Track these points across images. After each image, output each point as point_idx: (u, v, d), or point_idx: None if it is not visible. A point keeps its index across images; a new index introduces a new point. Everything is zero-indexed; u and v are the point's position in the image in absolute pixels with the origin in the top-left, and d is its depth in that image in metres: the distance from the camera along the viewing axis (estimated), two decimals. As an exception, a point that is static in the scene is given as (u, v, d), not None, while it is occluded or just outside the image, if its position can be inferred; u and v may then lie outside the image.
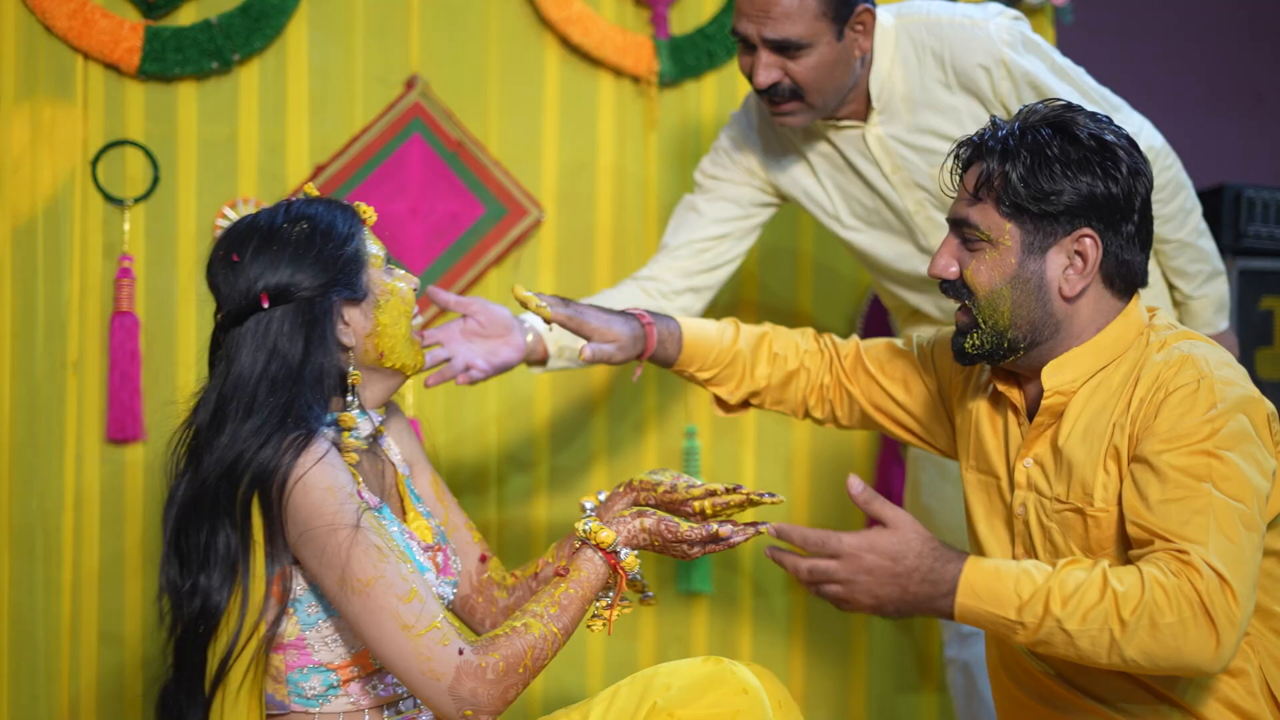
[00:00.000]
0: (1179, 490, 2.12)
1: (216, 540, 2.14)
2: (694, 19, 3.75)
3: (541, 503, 3.64)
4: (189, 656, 2.17)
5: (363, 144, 3.51)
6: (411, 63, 3.55)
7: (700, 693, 2.17)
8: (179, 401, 2.32)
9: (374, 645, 2.10)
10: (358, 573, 2.08)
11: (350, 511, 2.11)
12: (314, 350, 2.20)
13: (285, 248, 2.22)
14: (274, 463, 2.11)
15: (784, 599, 3.82)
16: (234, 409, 2.18)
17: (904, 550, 2.11)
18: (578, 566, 2.22)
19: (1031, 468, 2.33)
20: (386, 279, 2.30)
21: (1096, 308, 2.30)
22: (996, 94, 2.96)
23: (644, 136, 3.73)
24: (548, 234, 3.65)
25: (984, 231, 2.28)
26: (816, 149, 3.12)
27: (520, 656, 2.10)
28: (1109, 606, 2.06)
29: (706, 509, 2.39)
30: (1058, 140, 2.25)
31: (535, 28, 3.65)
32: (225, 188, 3.43)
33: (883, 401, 2.65)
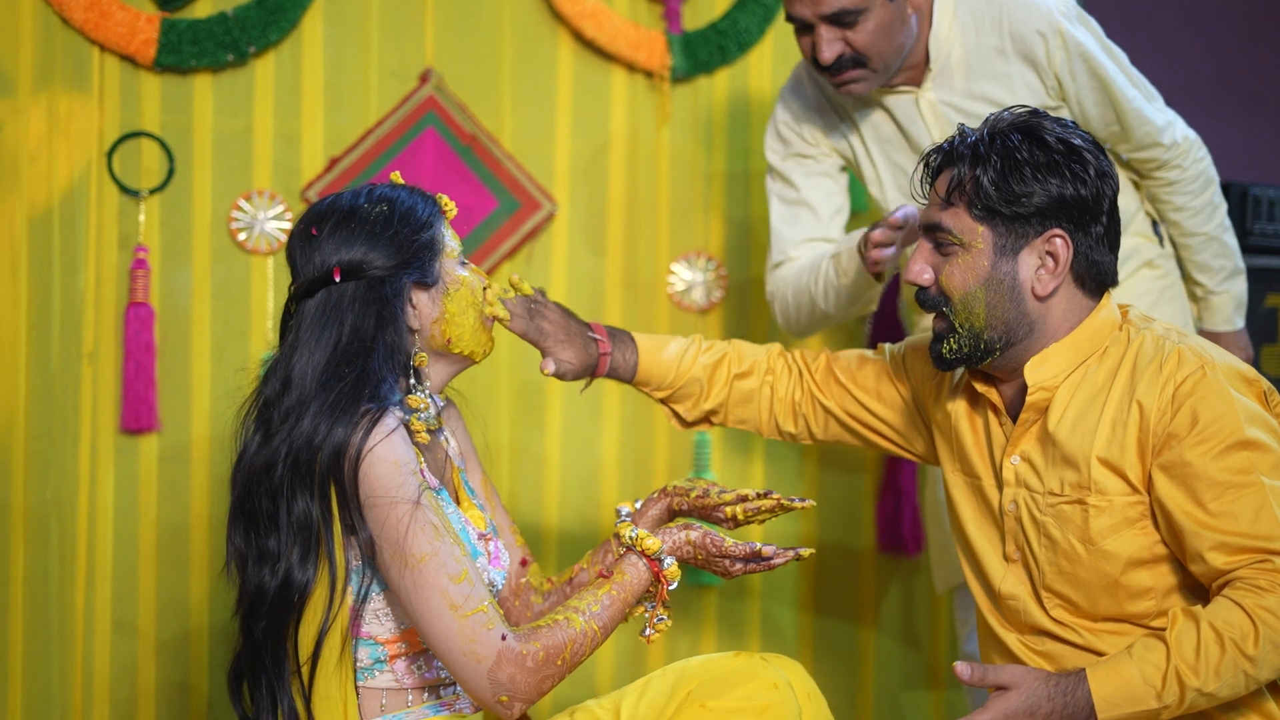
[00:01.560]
0: (1232, 490, 2.18)
1: (293, 508, 2.17)
2: (706, 14, 3.76)
3: (553, 501, 3.65)
4: (271, 633, 2.19)
5: (377, 137, 3.52)
6: (426, 56, 3.57)
7: (731, 686, 2.19)
8: (249, 370, 2.36)
9: (420, 621, 2.13)
10: (413, 548, 2.12)
11: (412, 487, 2.14)
12: (385, 327, 2.24)
13: (363, 226, 2.26)
14: (348, 437, 2.14)
15: (793, 593, 3.84)
16: (306, 380, 2.20)
17: (1035, 703, 2.17)
18: (622, 570, 2.26)
19: (1019, 465, 2.36)
20: (459, 270, 2.34)
21: (1069, 307, 2.33)
22: (1050, 63, 3.01)
23: (656, 131, 3.74)
24: (560, 227, 3.67)
25: (956, 235, 2.32)
26: (869, 119, 3.16)
27: (560, 648, 2.14)
28: (1233, 654, 2.13)
29: (739, 514, 2.43)
30: (1027, 144, 2.30)
31: (549, 22, 3.66)
32: (240, 180, 3.44)
33: (857, 411, 2.66)
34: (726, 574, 2.32)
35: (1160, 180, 3.16)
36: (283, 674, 2.20)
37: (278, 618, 2.19)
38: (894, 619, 3.92)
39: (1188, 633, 2.14)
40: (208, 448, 3.40)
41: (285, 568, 2.18)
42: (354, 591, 2.21)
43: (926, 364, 2.59)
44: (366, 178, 3.49)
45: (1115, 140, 3.13)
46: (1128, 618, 2.29)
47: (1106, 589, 2.28)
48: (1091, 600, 2.30)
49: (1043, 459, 2.33)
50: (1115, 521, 2.26)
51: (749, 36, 3.76)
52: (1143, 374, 2.27)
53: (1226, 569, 2.18)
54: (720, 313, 3.78)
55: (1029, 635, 2.38)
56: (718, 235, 3.79)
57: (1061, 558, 2.30)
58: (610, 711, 2.23)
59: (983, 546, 2.43)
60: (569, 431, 3.67)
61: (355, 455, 2.14)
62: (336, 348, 2.22)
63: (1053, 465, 2.32)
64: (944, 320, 2.36)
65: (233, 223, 3.42)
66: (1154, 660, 2.15)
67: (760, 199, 3.80)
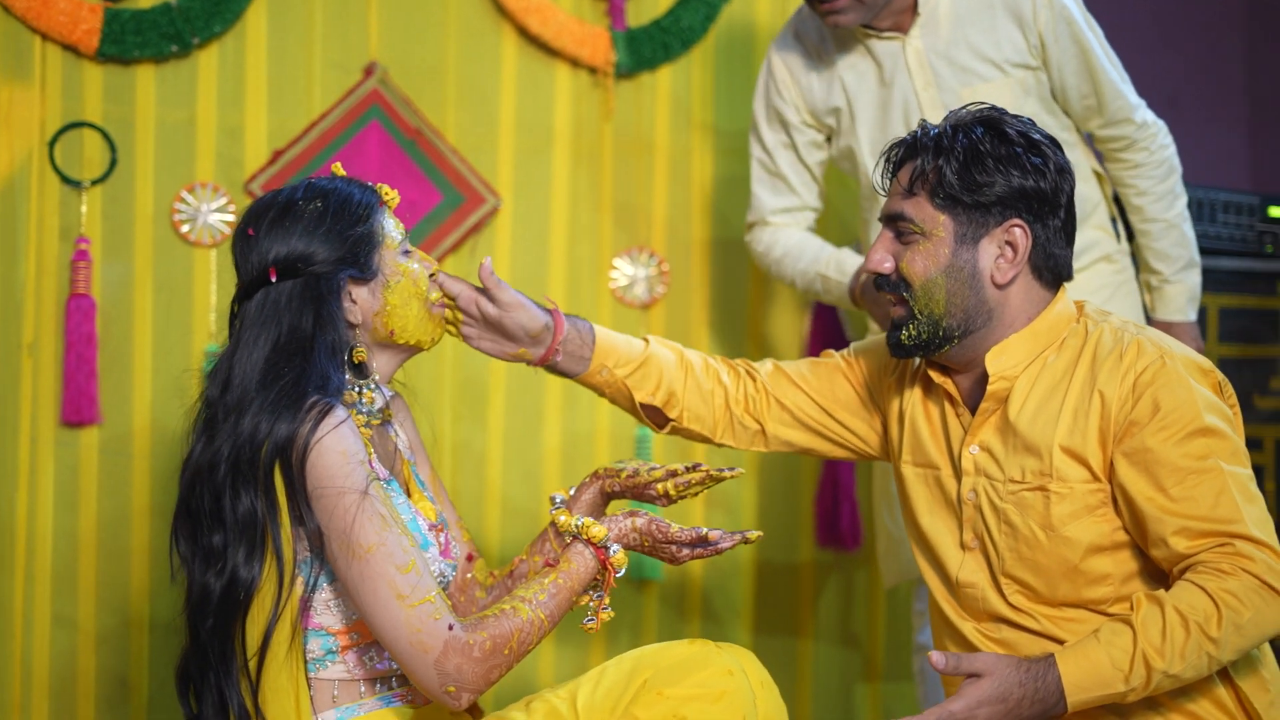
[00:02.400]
0: (1193, 475, 2.24)
1: (237, 506, 2.17)
2: (650, 11, 3.78)
3: (495, 496, 3.66)
4: (218, 632, 2.18)
5: (321, 130, 3.51)
6: (370, 49, 3.56)
7: (687, 673, 2.20)
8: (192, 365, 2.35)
9: (367, 612, 2.13)
10: (360, 538, 2.12)
11: (360, 477, 2.14)
12: (323, 325, 2.24)
13: (297, 223, 2.26)
14: (294, 430, 2.14)
15: (733, 585, 3.86)
16: (248, 380, 2.21)
17: (1007, 689, 2.19)
18: (568, 559, 2.25)
19: (978, 454, 2.40)
20: (401, 260, 2.33)
21: (1026, 297, 2.38)
22: (1036, 21, 3.12)
23: (600, 127, 3.75)
24: (503, 222, 3.67)
25: (918, 224, 2.36)
26: (855, 68, 3.23)
27: (507, 638, 2.14)
28: (1198, 636, 2.17)
29: (670, 490, 2.43)
30: (989, 137, 2.35)
31: (493, 17, 3.67)
32: (183, 171, 3.43)
33: (813, 411, 2.66)
34: (673, 560, 2.33)
35: (1127, 162, 3.24)
36: (230, 671, 2.19)
37: (224, 616, 2.19)
38: (832, 613, 3.95)
39: (1153, 616, 2.19)
40: (149, 440, 3.38)
41: (231, 567, 2.17)
42: (304, 582, 2.20)
43: (877, 361, 2.63)
44: (310, 171, 3.48)
45: (1089, 115, 3.21)
46: (1085, 604, 2.33)
47: (1066, 574, 2.32)
48: (1051, 586, 2.33)
49: (1003, 448, 2.37)
50: (1076, 508, 2.31)
51: (692, 34, 3.78)
52: (1103, 364, 2.32)
53: (1189, 553, 2.23)
54: (662, 308, 3.80)
55: (986, 623, 2.41)
56: (660, 231, 3.81)
57: (1022, 544, 2.34)
58: (566, 701, 2.23)
59: (939, 535, 2.46)
60: (510, 427, 3.68)
61: (303, 446, 2.14)
62: (275, 347, 2.22)
63: (1013, 453, 2.36)
64: (904, 307, 2.39)
65: (175, 215, 3.40)
66: (1121, 644, 2.18)
67: (703, 195, 3.83)
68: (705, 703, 2.18)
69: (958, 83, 3.16)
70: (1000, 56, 3.16)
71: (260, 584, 2.17)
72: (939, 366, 2.47)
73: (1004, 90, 3.16)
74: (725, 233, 3.85)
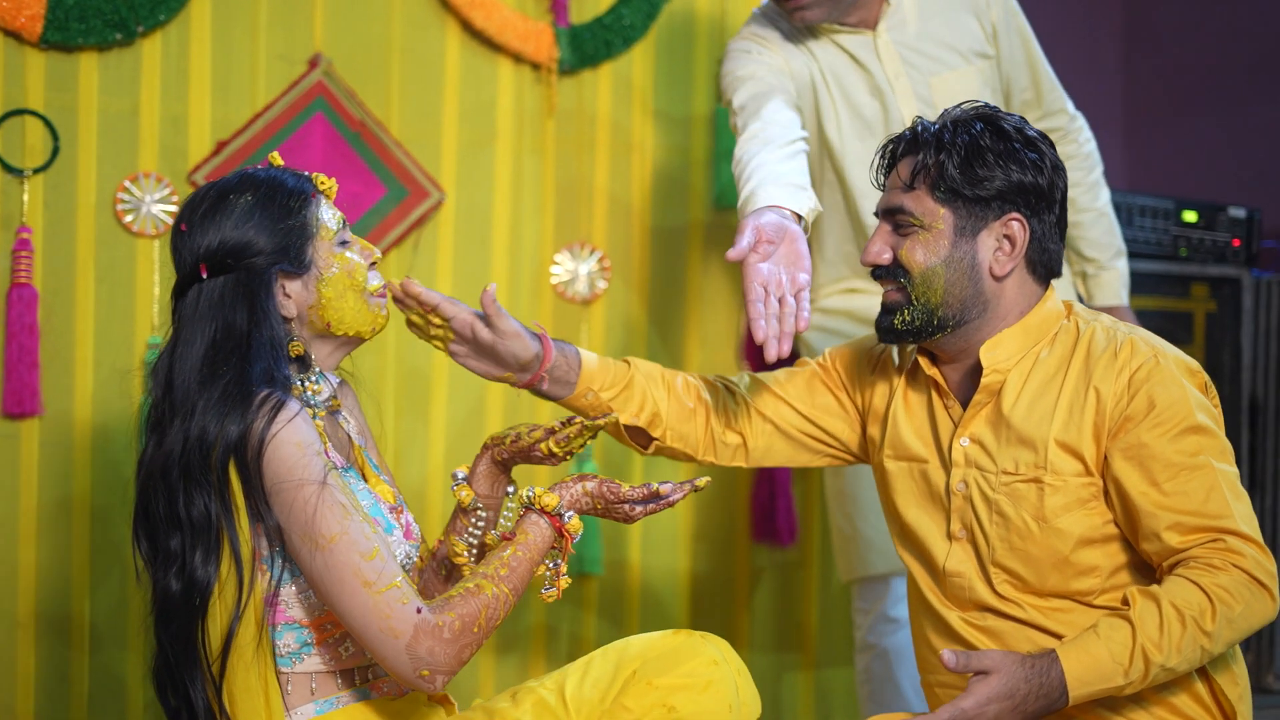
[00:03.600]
0: (1185, 471, 2.31)
1: (191, 509, 2.14)
2: (592, 9, 3.81)
3: (437, 489, 3.65)
4: (181, 635, 2.17)
5: (265, 121, 3.49)
6: (315, 41, 3.55)
7: (674, 663, 2.23)
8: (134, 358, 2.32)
9: (334, 602, 2.12)
10: (322, 528, 2.11)
11: (318, 468, 2.13)
12: (258, 321, 2.21)
13: (228, 217, 2.23)
14: (247, 427, 2.12)
15: (670, 581, 3.90)
16: (189, 379, 2.18)
17: (1014, 685, 2.23)
18: (524, 530, 2.25)
19: (969, 446, 2.45)
20: (336, 251, 2.30)
21: (1020, 291, 2.44)
22: (989, 11, 3.28)
23: (542, 123, 3.77)
24: (446, 216, 3.67)
25: (918, 217, 2.41)
26: (828, 57, 3.28)
27: (475, 616, 2.13)
28: (1193, 630, 2.24)
29: (553, 448, 2.38)
30: (989, 132, 2.41)
31: (437, 10, 3.67)
32: (126, 161, 3.38)
33: (794, 420, 2.68)
34: (627, 519, 2.33)
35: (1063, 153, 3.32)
36: (195, 673, 2.18)
37: (185, 618, 2.17)
38: (768, 606, 4.00)
39: (1150, 611, 2.25)
40: (90, 432, 3.33)
41: (189, 569, 2.16)
42: (269, 580, 2.19)
43: (853, 360, 2.67)
44: (254, 162, 3.45)
45: (1026, 109, 3.35)
46: (1072, 595, 2.39)
47: (1056, 565, 2.38)
48: (1040, 576, 2.39)
49: (995, 440, 2.42)
50: (1068, 501, 2.37)
51: (633, 32, 3.81)
52: (1098, 362, 2.38)
53: (1181, 548, 2.30)
54: (603, 304, 3.82)
55: (971, 612, 2.46)
56: (601, 226, 3.83)
57: (1014, 534, 2.39)
58: (554, 692, 2.24)
59: (924, 526, 2.50)
60: (453, 419, 3.68)
61: (258, 442, 2.12)
62: (213, 344, 2.19)
63: (1006, 445, 2.41)
64: (901, 293, 2.43)
65: (119, 204, 3.36)
66: (1120, 639, 2.24)
67: (644, 191, 3.86)
68: (693, 692, 2.22)
69: (928, 71, 3.26)
70: (964, 46, 3.28)
71: (219, 585, 2.15)
72: (929, 355, 2.51)
73: (969, 79, 3.27)
74: (666, 229, 3.88)
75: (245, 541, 2.15)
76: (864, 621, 3.43)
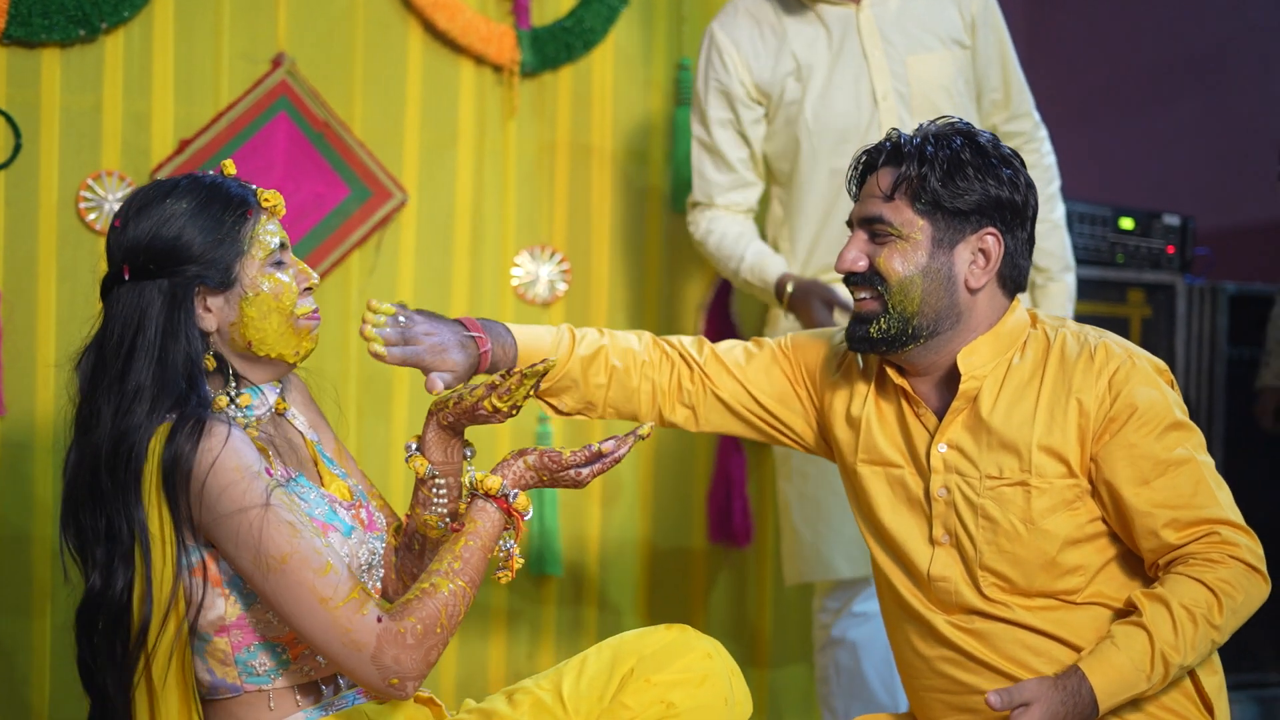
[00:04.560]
0: (1173, 467, 2.39)
1: (115, 525, 2.11)
2: (553, 11, 3.82)
3: (399, 487, 3.66)
4: (103, 641, 2.14)
5: (229, 120, 3.47)
6: (278, 40, 3.54)
7: (670, 659, 2.25)
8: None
9: (294, 621, 2.09)
10: (271, 550, 2.07)
11: (259, 490, 2.09)
12: (173, 330, 2.16)
13: (161, 221, 2.18)
14: (173, 452, 2.08)
15: (629, 580, 3.92)
16: (106, 380, 2.15)
17: (1054, 710, 2.31)
18: (472, 518, 2.22)
19: (947, 452, 2.48)
20: (268, 270, 2.23)
21: (991, 304, 2.48)
22: (970, 6, 3.41)
23: (503, 125, 3.78)
24: (408, 218, 3.67)
25: (897, 228, 2.44)
26: (804, 34, 3.41)
27: (435, 616, 2.11)
28: (1205, 627, 2.32)
29: (497, 403, 2.33)
30: (968, 147, 2.45)
31: (400, 11, 3.67)
32: (88, 159, 3.36)
33: (748, 402, 2.69)
34: (576, 483, 2.30)
35: None
36: (119, 681, 2.14)
37: (109, 625, 2.14)
38: (723, 605, 4.04)
39: (1162, 615, 2.32)
40: (51, 432, 3.30)
41: (111, 575, 2.12)
42: (238, 601, 2.16)
43: (816, 356, 2.68)
44: (218, 161, 3.36)
45: (995, 110, 3.45)
46: (1057, 594, 2.43)
47: (1043, 566, 2.42)
48: (1028, 577, 2.43)
49: (975, 445, 2.46)
50: (1054, 502, 2.42)
51: (593, 35, 3.83)
52: (1074, 366, 2.43)
53: (1179, 544, 2.37)
54: (563, 306, 3.84)
55: (957, 615, 2.49)
56: (561, 229, 3.85)
57: (1002, 537, 2.43)
58: (550, 692, 2.25)
59: (904, 531, 2.53)
60: (415, 421, 3.68)
61: (188, 471, 2.08)
62: (131, 348, 2.15)
63: (988, 451, 2.45)
64: (877, 301, 2.46)
65: (81, 203, 3.33)
66: (1139, 646, 2.31)
67: (602, 192, 3.89)
68: (690, 687, 2.24)
69: (905, 49, 3.36)
70: (942, 31, 3.39)
71: (140, 602, 2.11)
72: (895, 367, 2.54)
73: (945, 63, 3.37)
74: (625, 232, 3.91)
75: (161, 564, 2.11)
76: (829, 619, 3.47)
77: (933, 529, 2.51)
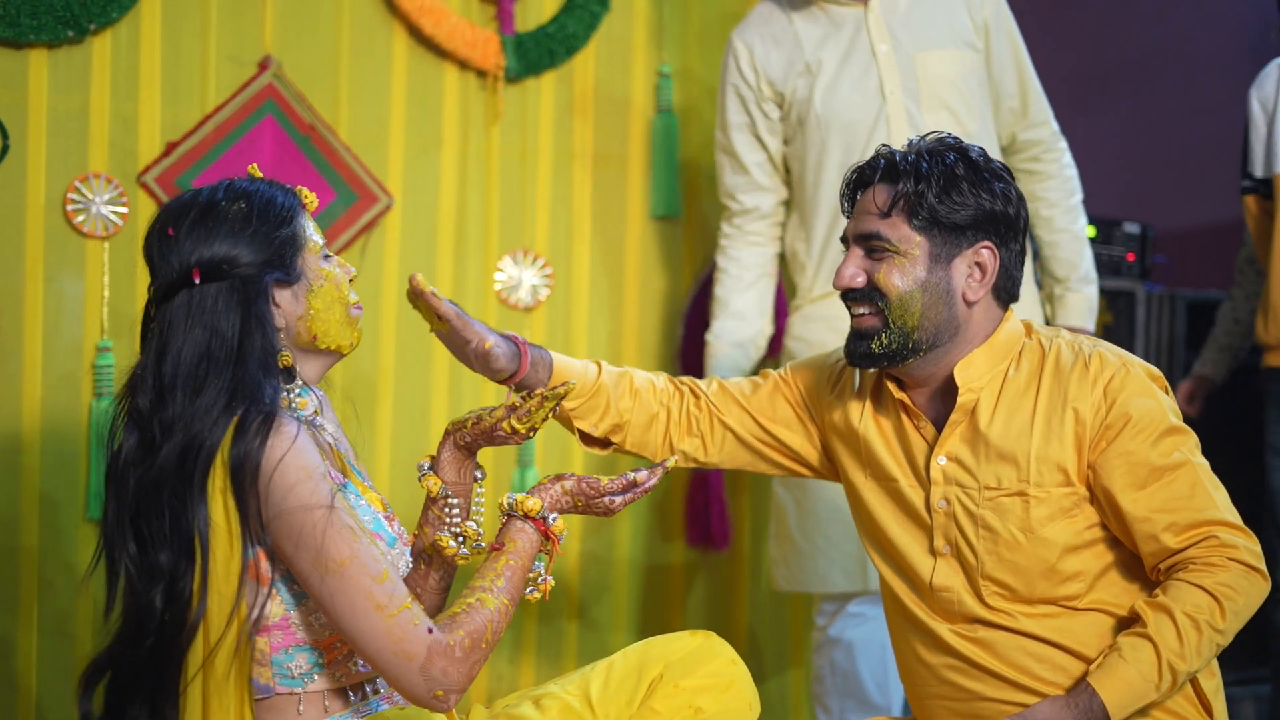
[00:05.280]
0: (1170, 472, 2.43)
1: (184, 526, 2.12)
2: (535, 17, 3.84)
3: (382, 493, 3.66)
4: (157, 649, 2.13)
5: (216, 123, 3.45)
6: (265, 43, 3.52)
7: (697, 664, 2.28)
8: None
9: (346, 626, 2.10)
10: (333, 553, 2.09)
11: (325, 492, 2.11)
12: (252, 329, 2.18)
13: (221, 224, 2.20)
14: (244, 448, 2.09)
15: (607, 599, 3.95)
16: (178, 387, 2.15)
17: None
18: (511, 538, 2.26)
19: (947, 464, 2.52)
20: (323, 264, 2.29)
21: (986, 315, 2.53)
22: (981, 10, 3.47)
23: (487, 130, 3.79)
24: (393, 221, 3.67)
25: (895, 244, 2.48)
26: (813, 32, 3.49)
27: (481, 631, 2.14)
28: (1209, 632, 2.37)
29: (515, 424, 2.36)
30: (962, 162, 2.49)
31: (385, 16, 3.67)
32: (75, 160, 3.33)
33: (756, 431, 2.74)
34: (608, 511, 2.34)
35: (1039, 174, 3.52)
36: (168, 690, 2.13)
37: (165, 635, 2.13)
38: (700, 610, 4.07)
39: (1165, 625, 2.37)
40: (39, 436, 3.28)
41: (177, 586, 2.12)
42: (284, 601, 2.17)
43: (813, 378, 2.73)
44: (205, 164, 3.43)
45: (1013, 119, 3.50)
46: (1057, 600, 2.48)
47: (1044, 574, 2.47)
48: (1029, 585, 2.48)
49: (974, 457, 2.50)
50: (1052, 511, 2.46)
51: (576, 41, 3.85)
52: (1069, 376, 2.47)
53: (1179, 548, 2.42)
54: (545, 311, 3.85)
55: (961, 624, 2.53)
56: (544, 234, 3.86)
57: (1002, 547, 2.47)
58: (578, 697, 2.27)
59: (905, 544, 2.57)
60: (398, 428, 3.68)
61: (255, 466, 2.10)
62: (205, 353, 2.16)
63: (986, 462, 2.49)
64: (878, 317, 2.49)
65: (69, 205, 3.31)
66: (1146, 658, 2.36)
67: (583, 198, 3.90)
68: (717, 692, 2.28)
69: (913, 47, 3.42)
70: (951, 30, 3.44)
71: (204, 604, 2.12)
72: (895, 380, 2.58)
73: (955, 62, 3.43)
74: (606, 237, 3.93)
75: (219, 562, 2.11)
76: (825, 621, 3.51)
77: (933, 540, 2.55)
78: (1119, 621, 2.48)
